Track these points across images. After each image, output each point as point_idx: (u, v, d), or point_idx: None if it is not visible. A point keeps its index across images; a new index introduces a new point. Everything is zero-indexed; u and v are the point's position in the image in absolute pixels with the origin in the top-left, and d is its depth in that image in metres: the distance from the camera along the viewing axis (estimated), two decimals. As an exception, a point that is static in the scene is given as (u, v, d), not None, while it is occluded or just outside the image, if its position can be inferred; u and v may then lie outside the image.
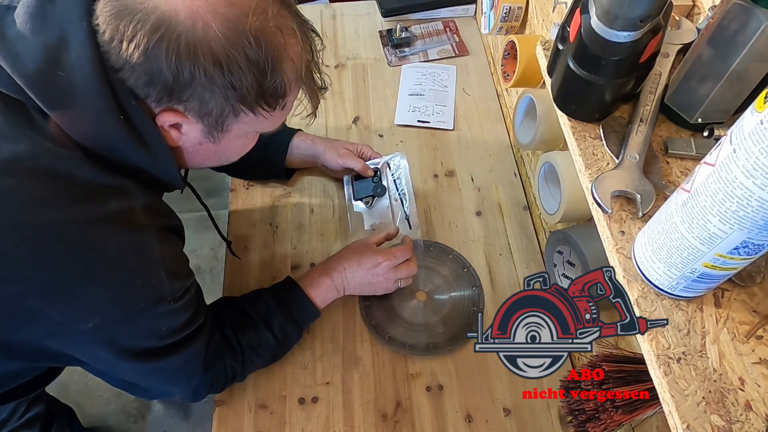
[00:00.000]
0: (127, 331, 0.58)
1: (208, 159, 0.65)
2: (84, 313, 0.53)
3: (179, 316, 0.62)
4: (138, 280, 0.55)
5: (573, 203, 0.75)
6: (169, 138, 0.58)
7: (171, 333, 0.62)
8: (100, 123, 0.52)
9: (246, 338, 0.76)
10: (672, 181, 0.53)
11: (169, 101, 0.53)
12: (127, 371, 0.65)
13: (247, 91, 0.54)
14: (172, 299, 0.59)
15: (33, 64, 0.49)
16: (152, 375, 0.66)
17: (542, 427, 0.83)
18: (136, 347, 0.60)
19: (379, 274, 0.85)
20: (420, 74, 1.23)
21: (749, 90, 0.50)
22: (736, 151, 0.35)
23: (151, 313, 0.57)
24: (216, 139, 0.59)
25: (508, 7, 1.00)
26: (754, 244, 0.38)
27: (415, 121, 1.15)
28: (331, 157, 0.99)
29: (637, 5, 0.46)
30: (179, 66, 0.50)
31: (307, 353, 0.88)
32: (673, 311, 0.46)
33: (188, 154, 0.62)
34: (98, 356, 0.60)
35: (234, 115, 0.57)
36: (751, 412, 0.41)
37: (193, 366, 0.68)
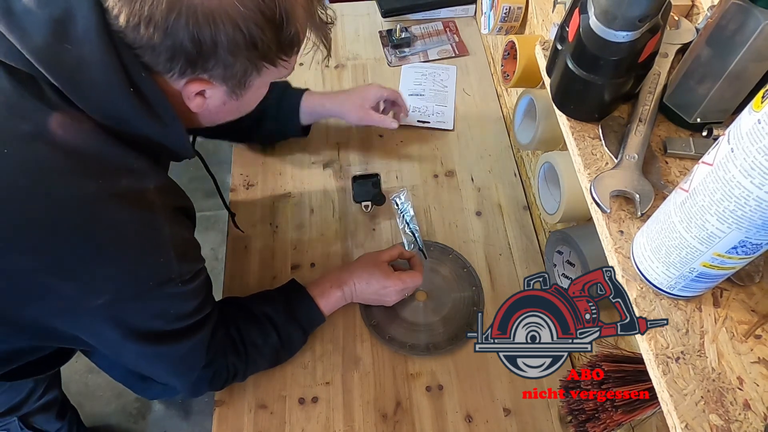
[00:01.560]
0: (135, 311, 0.58)
1: (228, 115, 0.66)
2: (93, 289, 0.54)
3: (187, 301, 0.63)
4: (148, 258, 0.55)
5: (573, 203, 0.75)
6: (191, 106, 0.59)
7: (178, 317, 0.62)
8: (110, 95, 0.52)
9: (251, 338, 0.76)
10: (671, 180, 0.53)
11: (193, 72, 0.54)
12: (132, 355, 0.65)
13: (268, 47, 0.55)
14: (181, 281, 0.59)
15: (41, 38, 0.49)
16: (156, 361, 0.67)
17: (542, 427, 0.83)
18: (143, 328, 0.60)
19: (386, 295, 0.86)
20: (420, 74, 1.23)
21: (748, 90, 0.50)
22: (734, 151, 0.35)
23: (160, 293, 0.57)
24: (239, 96, 0.60)
25: (507, 7, 1.00)
26: (752, 243, 0.38)
27: (415, 121, 1.15)
28: (353, 121, 1.03)
29: (636, 5, 0.46)
30: (201, 37, 0.51)
31: (307, 353, 0.88)
32: (671, 311, 0.46)
33: (210, 115, 0.63)
34: (105, 336, 0.60)
35: (257, 72, 0.58)
36: (749, 411, 0.41)
37: (196, 356, 0.69)
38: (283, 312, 0.80)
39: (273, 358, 0.80)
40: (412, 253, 0.91)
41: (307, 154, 1.11)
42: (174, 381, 0.72)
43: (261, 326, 0.78)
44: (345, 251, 0.99)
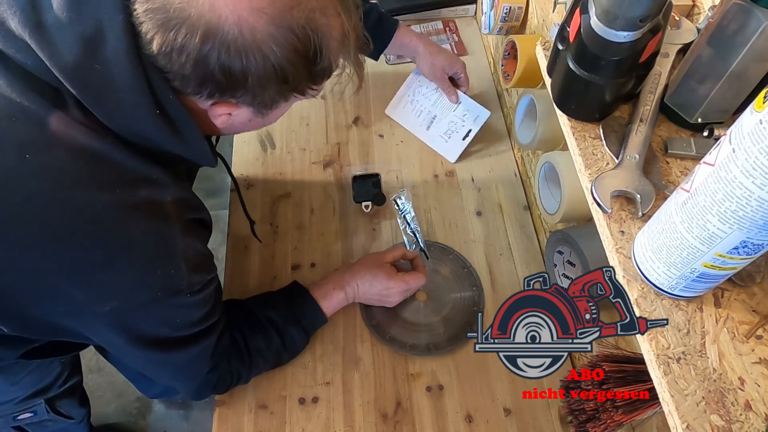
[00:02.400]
0: (142, 319, 0.59)
1: (252, 129, 0.66)
2: (103, 295, 0.54)
3: (195, 310, 0.63)
4: (158, 270, 0.56)
5: (573, 203, 0.75)
6: (217, 123, 0.59)
7: (184, 326, 0.63)
8: (136, 116, 0.52)
9: (254, 342, 0.77)
10: (672, 180, 0.53)
11: (221, 96, 0.55)
12: (138, 359, 0.66)
13: (299, 80, 0.55)
14: (190, 292, 0.59)
15: (71, 57, 0.49)
16: (160, 367, 0.67)
17: (542, 427, 0.83)
18: (148, 335, 0.60)
19: (389, 296, 0.86)
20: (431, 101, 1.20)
21: (749, 90, 0.50)
22: (736, 151, 0.35)
23: (168, 303, 0.58)
24: (265, 115, 0.61)
25: (508, 7, 1.00)
26: (754, 243, 0.38)
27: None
28: (426, 71, 1.08)
29: (637, 5, 0.46)
30: (231, 69, 0.51)
31: (307, 353, 0.88)
32: (672, 311, 0.46)
33: (233, 128, 0.64)
34: (111, 340, 0.61)
35: (285, 100, 0.59)
36: (750, 411, 0.41)
37: (200, 363, 0.69)
38: (285, 315, 0.80)
39: (275, 360, 0.81)
40: (414, 254, 0.91)
41: (307, 153, 1.11)
42: (178, 385, 0.72)
43: (264, 330, 0.78)
44: (345, 251, 0.98)
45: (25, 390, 0.88)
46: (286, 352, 0.80)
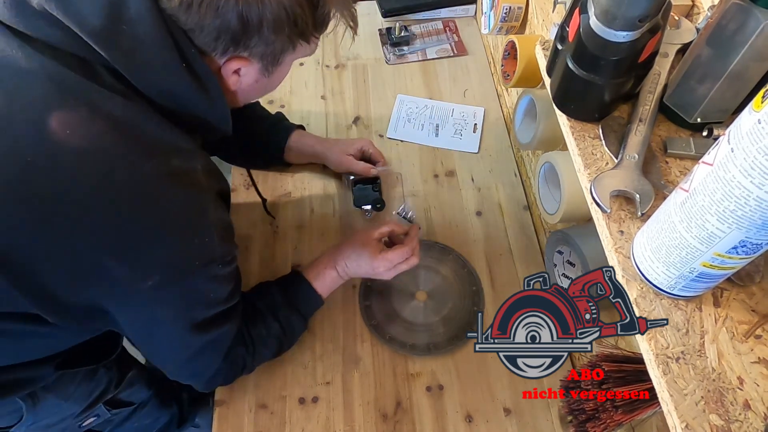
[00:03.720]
0: (180, 293, 0.60)
1: (257, 94, 0.69)
2: (146, 270, 0.55)
3: (225, 285, 0.65)
4: (196, 238, 0.57)
5: (573, 203, 0.75)
6: (229, 84, 0.62)
7: (215, 302, 0.64)
8: (165, 72, 0.55)
9: (256, 330, 0.77)
10: (671, 180, 0.53)
11: (235, 50, 0.57)
12: (164, 339, 0.66)
13: (305, 24, 0.59)
14: (222, 263, 0.61)
15: (97, 21, 0.51)
16: (187, 348, 0.67)
17: (542, 427, 0.83)
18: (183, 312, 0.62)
19: (378, 274, 0.85)
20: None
21: (748, 89, 0.50)
22: (734, 151, 0.35)
23: (204, 273, 0.59)
24: (270, 73, 0.64)
25: (508, 7, 1.00)
26: (753, 243, 0.38)
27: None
28: (333, 164, 1.04)
29: (636, 5, 0.46)
30: (248, 16, 0.54)
31: (307, 353, 0.88)
32: (672, 311, 0.46)
33: (242, 94, 0.66)
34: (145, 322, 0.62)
35: (292, 48, 0.61)
36: (749, 411, 0.41)
37: (220, 347, 0.70)
38: (281, 301, 0.80)
39: (277, 347, 0.80)
40: (405, 229, 0.89)
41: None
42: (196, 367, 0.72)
43: (263, 318, 0.78)
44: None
45: (80, 403, 0.89)
46: (286, 337, 0.80)
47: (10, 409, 0.79)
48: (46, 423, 0.85)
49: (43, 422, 0.84)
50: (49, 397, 0.82)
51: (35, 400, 0.80)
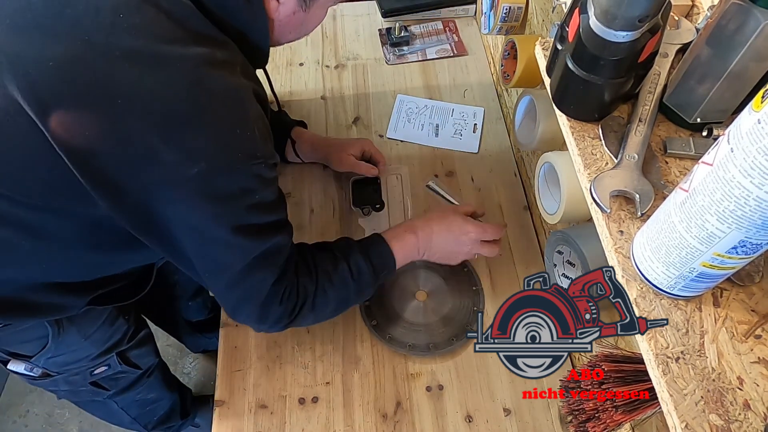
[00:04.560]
0: (226, 184, 0.60)
1: (295, 29, 0.71)
2: (191, 154, 0.56)
3: (269, 189, 0.66)
4: (237, 129, 0.59)
5: (573, 203, 0.75)
6: (270, 8, 0.64)
7: (261, 207, 0.64)
8: None
9: (323, 264, 0.76)
10: (671, 180, 0.53)
11: None
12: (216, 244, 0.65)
13: None
14: (264, 162, 0.62)
15: None
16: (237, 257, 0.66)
17: (542, 427, 0.83)
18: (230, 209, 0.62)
19: (465, 243, 0.84)
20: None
21: (748, 90, 0.50)
22: (734, 151, 0.35)
23: (248, 168, 0.60)
24: (308, 6, 0.67)
25: (508, 7, 1.00)
26: (752, 243, 0.38)
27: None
28: (333, 164, 1.04)
29: (636, 5, 0.46)
30: None
31: (307, 353, 0.88)
32: (671, 311, 0.46)
33: (279, 26, 0.68)
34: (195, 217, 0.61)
35: None
36: (749, 411, 0.41)
37: (272, 262, 0.69)
38: (355, 245, 0.80)
39: (342, 290, 0.77)
40: (483, 211, 0.90)
41: (307, 154, 1.11)
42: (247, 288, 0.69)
43: (332, 254, 0.77)
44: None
45: (97, 346, 0.91)
46: (353, 281, 0.77)
47: (38, 334, 0.81)
48: (64, 360, 0.87)
49: (60, 358, 0.86)
50: (72, 330, 0.84)
51: (60, 329, 0.82)
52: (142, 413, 1.20)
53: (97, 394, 1.02)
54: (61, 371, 0.90)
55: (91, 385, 0.98)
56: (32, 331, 0.80)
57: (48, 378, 0.89)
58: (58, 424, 1.53)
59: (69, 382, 0.93)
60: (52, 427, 1.53)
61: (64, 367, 0.89)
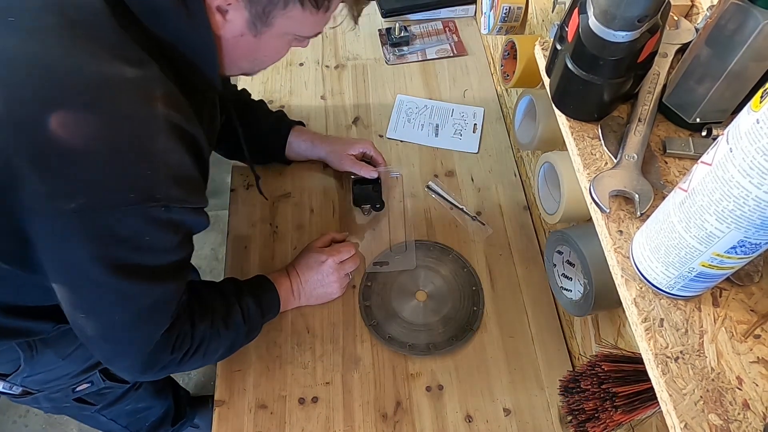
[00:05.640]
0: (111, 226, 0.52)
1: (246, 57, 0.64)
2: (69, 188, 0.49)
3: (168, 235, 0.57)
4: (132, 165, 0.51)
5: (572, 203, 0.75)
6: (215, 22, 0.57)
7: (154, 252, 0.57)
8: None
9: (218, 306, 0.74)
10: (670, 180, 0.53)
11: None
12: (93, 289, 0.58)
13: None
14: (165, 206, 0.53)
15: None
16: (119, 305, 0.59)
17: (542, 427, 0.83)
18: (114, 253, 0.54)
19: (326, 272, 0.88)
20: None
21: (747, 89, 0.50)
22: (733, 151, 0.35)
23: (141, 212, 0.52)
24: (258, 32, 0.59)
25: (507, 7, 1.00)
26: (751, 243, 0.38)
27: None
28: (333, 164, 1.04)
29: (635, 5, 0.46)
30: None
31: (307, 353, 0.88)
32: (671, 310, 0.46)
33: (227, 46, 0.61)
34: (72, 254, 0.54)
35: (282, 6, 0.57)
36: (749, 411, 0.41)
37: (165, 307, 0.63)
38: (244, 288, 0.80)
39: (233, 336, 0.76)
40: (344, 236, 0.97)
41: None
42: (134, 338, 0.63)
43: (224, 296, 0.76)
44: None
45: (77, 365, 0.88)
46: (244, 325, 0.77)
47: (9, 357, 0.79)
48: (43, 378, 0.85)
49: (39, 376, 0.84)
50: (48, 352, 0.82)
51: (33, 352, 0.80)
52: (133, 421, 1.18)
53: (82, 409, 1.00)
54: (42, 389, 0.88)
55: (75, 402, 0.96)
56: (4, 354, 0.78)
57: (29, 396, 0.87)
58: (58, 424, 1.53)
59: (51, 399, 0.91)
60: (52, 427, 1.53)
61: (44, 385, 0.87)
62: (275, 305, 0.84)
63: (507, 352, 0.89)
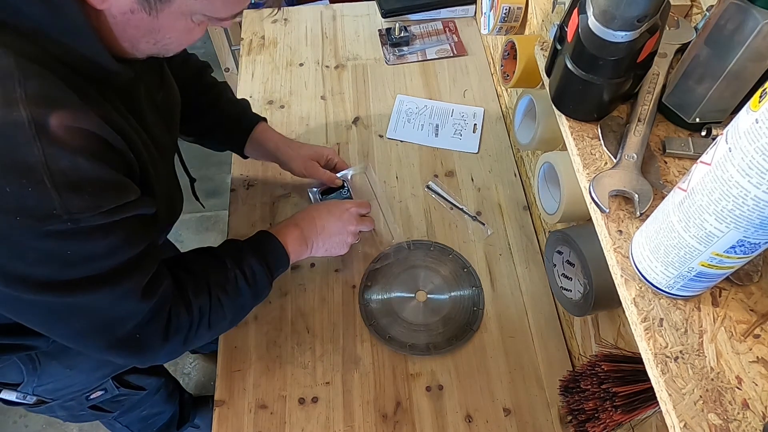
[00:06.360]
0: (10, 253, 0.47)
1: (144, 37, 0.54)
2: None
3: (94, 242, 0.51)
4: (5, 184, 0.44)
5: (572, 203, 0.75)
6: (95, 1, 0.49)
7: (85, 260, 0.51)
8: None
9: (214, 275, 0.70)
10: (669, 180, 0.53)
11: None
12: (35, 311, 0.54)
13: None
14: (71, 219, 0.47)
15: None
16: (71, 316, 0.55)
17: (542, 427, 0.83)
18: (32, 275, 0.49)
19: (348, 220, 0.87)
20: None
21: (746, 89, 0.50)
22: (732, 150, 0.35)
23: (38, 231, 0.47)
24: (153, 9, 0.51)
25: (507, 7, 1.00)
26: (751, 242, 0.38)
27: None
28: (296, 168, 0.98)
29: (635, 5, 0.46)
30: None
31: (307, 353, 0.88)
32: (670, 310, 0.46)
33: (117, 26, 0.52)
34: None
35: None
36: (748, 410, 0.41)
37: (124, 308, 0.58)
38: (244, 247, 0.75)
39: (238, 302, 0.72)
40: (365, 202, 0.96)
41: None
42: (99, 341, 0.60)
43: (221, 262, 0.72)
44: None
45: (87, 374, 0.88)
46: (249, 288, 0.72)
47: (12, 370, 0.79)
48: (53, 387, 0.85)
49: (49, 386, 0.85)
50: (53, 363, 0.81)
51: (36, 364, 0.79)
52: (144, 427, 1.19)
53: (99, 417, 1.00)
54: (55, 398, 0.88)
55: (91, 410, 0.96)
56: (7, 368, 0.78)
57: (44, 405, 0.88)
58: (58, 425, 1.53)
59: (66, 407, 0.91)
60: (52, 427, 1.53)
61: (56, 393, 0.87)
62: (283, 259, 0.79)
63: (507, 352, 0.89)
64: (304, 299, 0.93)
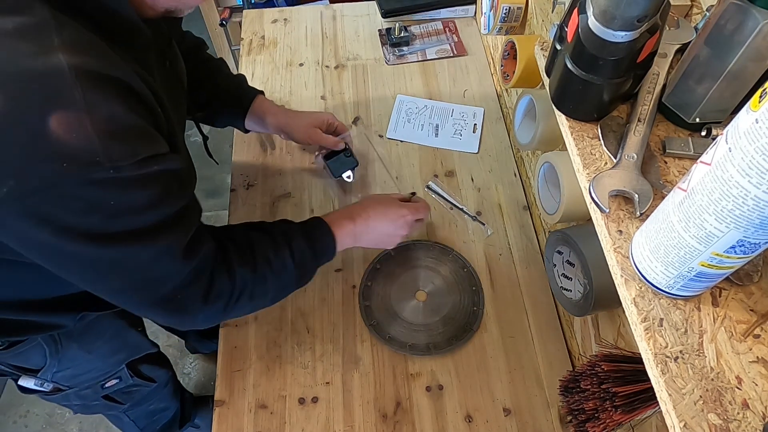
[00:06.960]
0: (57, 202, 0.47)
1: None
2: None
3: (134, 192, 0.51)
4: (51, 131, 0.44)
5: (572, 203, 0.75)
6: None
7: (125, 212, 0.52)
8: None
9: (262, 249, 0.69)
10: (670, 180, 0.53)
11: None
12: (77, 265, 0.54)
13: None
14: (113, 167, 0.47)
15: None
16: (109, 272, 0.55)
17: (542, 427, 0.83)
18: (77, 226, 0.50)
19: (401, 226, 0.85)
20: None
21: (746, 89, 0.50)
22: (732, 150, 0.35)
23: (83, 179, 0.47)
24: None
25: (507, 7, 1.00)
26: (751, 242, 0.38)
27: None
28: (300, 138, 0.99)
29: (635, 5, 0.46)
30: None
31: (307, 353, 0.88)
32: (670, 310, 0.46)
33: None
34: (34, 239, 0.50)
35: None
36: (748, 410, 0.41)
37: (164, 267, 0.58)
38: (297, 228, 0.75)
39: (282, 280, 0.71)
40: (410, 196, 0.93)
41: (306, 154, 1.11)
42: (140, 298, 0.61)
43: (272, 239, 0.71)
44: (345, 251, 0.98)
45: (103, 359, 0.90)
46: (295, 269, 0.72)
47: (35, 352, 0.80)
48: (72, 373, 0.87)
49: (68, 371, 0.86)
50: (73, 346, 0.83)
51: (58, 346, 0.81)
52: (149, 423, 1.21)
53: (111, 408, 1.02)
54: (72, 385, 0.89)
55: (104, 399, 0.97)
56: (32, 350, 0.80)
57: (60, 393, 0.89)
58: (58, 424, 1.53)
59: (81, 396, 0.93)
60: (52, 427, 1.53)
61: (74, 380, 0.89)
62: (330, 250, 0.78)
63: (507, 352, 0.89)
64: (304, 299, 0.93)
